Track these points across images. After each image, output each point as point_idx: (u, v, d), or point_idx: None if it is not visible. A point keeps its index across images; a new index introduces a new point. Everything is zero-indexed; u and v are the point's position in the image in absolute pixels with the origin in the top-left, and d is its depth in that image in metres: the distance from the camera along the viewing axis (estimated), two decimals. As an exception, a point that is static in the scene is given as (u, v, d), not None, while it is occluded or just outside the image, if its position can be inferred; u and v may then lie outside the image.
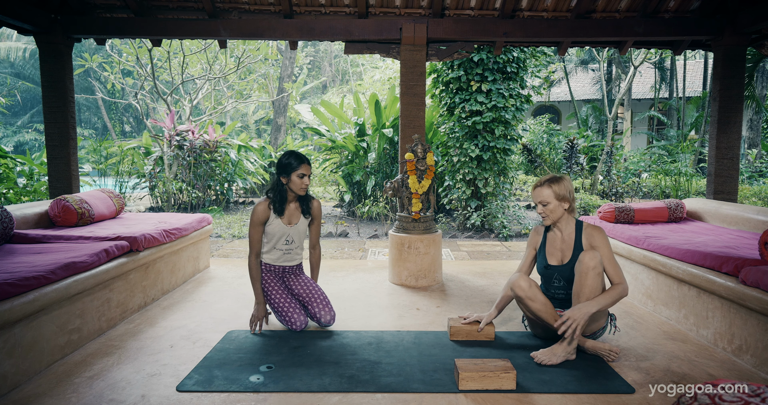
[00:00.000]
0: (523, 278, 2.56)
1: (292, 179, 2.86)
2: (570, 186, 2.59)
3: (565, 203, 2.58)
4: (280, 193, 2.91)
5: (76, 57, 12.40)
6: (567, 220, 2.63)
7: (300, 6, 4.62)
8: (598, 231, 2.58)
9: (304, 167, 2.86)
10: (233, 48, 10.05)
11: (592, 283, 2.39)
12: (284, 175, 2.87)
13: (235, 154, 9.20)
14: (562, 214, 2.60)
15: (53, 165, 4.66)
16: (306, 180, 2.89)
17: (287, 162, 2.86)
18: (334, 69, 25.51)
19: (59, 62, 4.58)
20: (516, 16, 4.67)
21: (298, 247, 3.05)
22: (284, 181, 2.88)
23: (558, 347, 2.44)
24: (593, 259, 2.41)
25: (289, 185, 2.88)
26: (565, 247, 2.63)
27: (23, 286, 2.25)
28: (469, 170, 6.55)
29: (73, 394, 2.15)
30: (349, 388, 2.20)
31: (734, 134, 4.70)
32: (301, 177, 2.86)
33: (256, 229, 2.92)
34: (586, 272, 2.40)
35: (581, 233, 2.60)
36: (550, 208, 2.57)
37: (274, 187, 2.93)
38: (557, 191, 2.55)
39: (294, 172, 2.85)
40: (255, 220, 2.90)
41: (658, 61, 16.28)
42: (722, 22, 4.55)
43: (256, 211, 2.90)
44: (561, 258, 2.64)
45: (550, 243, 2.70)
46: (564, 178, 2.58)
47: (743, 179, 11.53)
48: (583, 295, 2.40)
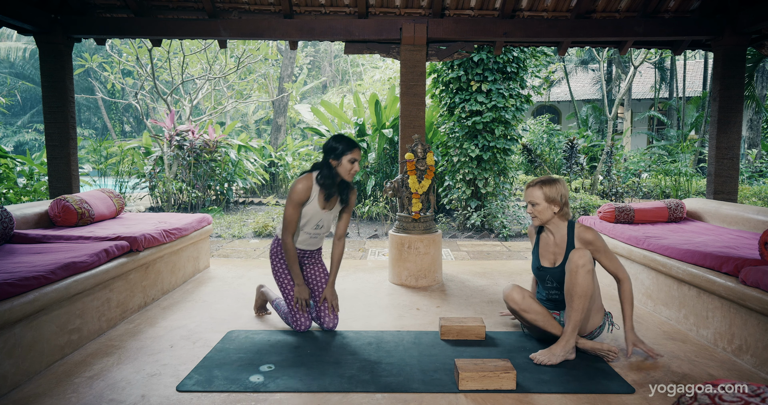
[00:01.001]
0: (515, 290, 2.61)
1: (342, 163, 2.74)
2: (563, 190, 2.57)
3: (554, 206, 2.56)
4: (330, 175, 2.76)
5: (76, 57, 12.40)
6: (557, 224, 2.62)
7: (300, 6, 4.62)
8: (590, 233, 2.55)
9: (357, 152, 2.76)
10: (233, 48, 10.05)
11: (583, 281, 2.39)
12: (334, 158, 2.74)
13: (235, 154, 9.20)
14: (551, 216, 2.59)
15: (53, 165, 4.66)
16: (356, 166, 2.78)
17: (339, 145, 2.73)
18: (334, 69, 25.51)
19: (59, 62, 4.58)
20: (516, 16, 4.67)
21: (326, 233, 2.97)
22: (333, 163, 2.75)
23: (557, 348, 2.45)
24: (582, 257, 2.41)
25: (337, 169, 2.75)
26: (558, 249, 2.62)
27: (23, 286, 2.25)
28: (469, 170, 6.55)
29: (73, 394, 2.15)
30: (349, 388, 2.20)
31: (734, 134, 4.70)
32: (352, 162, 2.75)
33: (295, 209, 2.75)
34: (576, 270, 2.40)
35: (573, 236, 2.59)
36: (539, 209, 2.58)
37: (324, 168, 2.77)
38: (547, 193, 2.55)
39: (345, 156, 2.73)
40: (296, 200, 2.73)
41: (658, 61, 16.28)
42: (722, 22, 4.55)
43: (297, 190, 2.73)
44: (553, 260, 2.64)
45: (542, 245, 2.70)
46: (558, 182, 2.57)
47: (743, 179, 11.52)
48: (576, 295, 2.39)
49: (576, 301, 2.41)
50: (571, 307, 2.42)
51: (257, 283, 3.98)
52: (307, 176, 2.78)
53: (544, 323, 2.56)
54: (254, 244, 5.97)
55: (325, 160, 2.78)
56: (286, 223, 2.77)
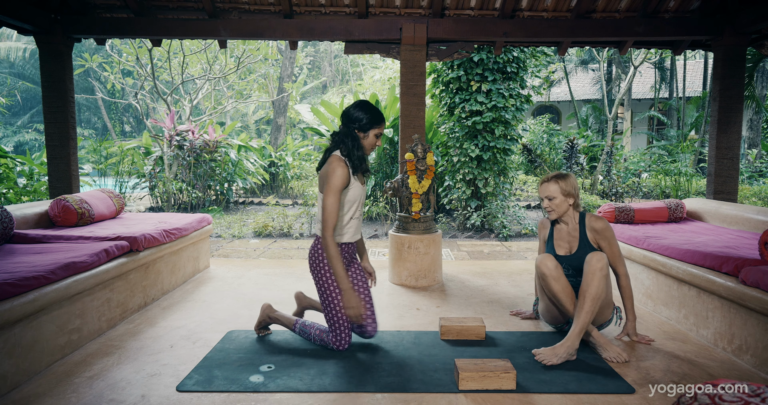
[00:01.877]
0: (549, 258, 2.68)
1: (368, 135, 2.48)
2: (575, 183, 2.75)
3: (570, 199, 2.72)
4: (359, 147, 2.46)
5: (76, 57, 12.40)
6: (572, 215, 2.79)
7: (300, 6, 4.62)
8: (601, 222, 2.72)
9: (383, 125, 2.53)
10: (233, 48, 10.05)
11: (599, 283, 2.51)
12: (360, 129, 2.46)
13: (235, 154, 9.21)
14: (567, 209, 2.75)
15: (53, 165, 4.66)
16: (380, 141, 2.56)
17: (365, 115, 2.45)
18: (334, 69, 25.51)
19: (59, 62, 4.58)
20: (516, 16, 4.67)
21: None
22: (360, 135, 2.47)
23: (560, 348, 2.47)
24: (600, 261, 2.54)
25: (363, 141, 2.48)
26: (572, 238, 2.79)
27: (23, 286, 2.25)
28: (469, 170, 6.55)
29: (73, 394, 2.15)
30: (349, 388, 2.20)
31: (734, 134, 4.70)
32: (378, 137, 2.52)
33: (338, 196, 2.37)
34: (593, 273, 2.52)
35: (584, 225, 2.76)
36: (556, 202, 2.71)
37: (348, 139, 2.45)
38: (563, 187, 2.70)
39: (373, 129, 2.48)
40: (340, 184, 2.37)
41: (658, 61, 16.28)
42: (722, 22, 4.55)
43: (340, 174, 2.36)
44: (569, 248, 2.80)
45: (557, 235, 2.85)
46: (570, 176, 2.74)
47: (743, 179, 11.52)
48: (588, 296, 2.50)
49: (588, 303, 2.49)
50: (582, 308, 2.49)
51: (257, 283, 3.99)
52: (336, 157, 2.44)
53: (565, 298, 2.62)
54: (254, 244, 5.97)
55: (349, 130, 2.47)
56: (329, 217, 2.35)
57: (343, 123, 2.50)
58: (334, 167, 2.38)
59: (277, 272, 4.35)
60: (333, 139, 2.51)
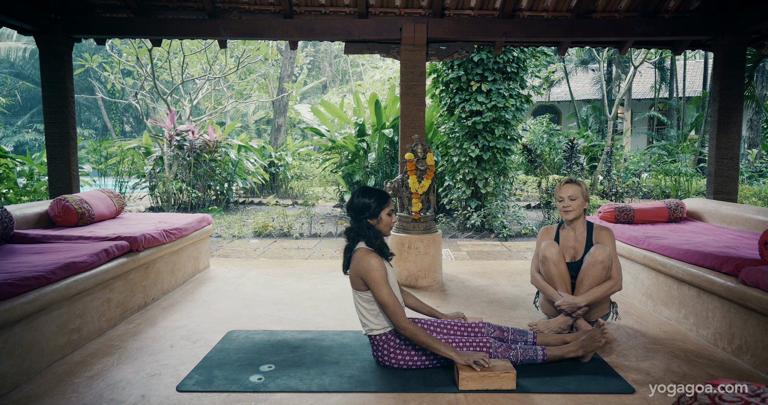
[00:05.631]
0: (554, 245, 2.83)
1: (382, 219, 2.44)
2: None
3: (586, 203, 2.89)
4: (378, 236, 2.44)
5: (76, 57, 12.40)
6: (583, 221, 2.92)
7: (300, 6, 4.62)
8: (607, 231, 2.87)
9: (391, 202, 2.50)
10: (233, 48, 10.05)
11: (597, 274, 2.67)
12: (371, 217, 2.43)
13: (235, 154, 9.20)
14: (581, 212, 2.88)
15: (53, 165, 4.66)
16: (395, 216, 2.54)
17: (371, 201, 2.42)
18: (334, 69, 25.51)
19: (59, 62, 4.58)
20: (516, 16, 4.67)
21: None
22: (373, 222, 2.45)
23: (554, 322, 2.74)
24: (603, 253, 2.68)
25: (378, 226, 2.46)
26: (578, 245, 2.90)
27: (23, 286, 2.26)
28: (469, 170, 6.55)
29: (73, 394, 2.15)
30: (349, 388, 2.20)
31: (734, 134, 4.70)
32: (390, 214, 2.48)
33: (387, 285, 2.32)
34: (594, 264, 2.68)
35: (591, 233, 2.89)
36: (578, 203, 2.84)
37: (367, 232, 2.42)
38: (584, 190, 2.87)
39: (383, 210, 2.44)
40: (383, 274, 2.32)
41: (658, 61, 16.27)
42: (722, 22, 4.55)
43: (375, 264, 2.32)
44: (573, 255, 2.90)
45: (563, 241, 2.94)
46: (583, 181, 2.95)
47: (743, 179, 11.52)
48: (585, 283, 2.69)
49: (585, 286, 2.70)
50: (579, 291, 2.73)
51: (257, 283, 3.99)
52: (364, 250, 2.39)
53: (560, 283, 2.78)
54: (254, 244, 5.97)
55: (362, 221, 2.44)
56: (392, 308, 2.28)
57: (353, 217, 2.47)
58: (367, 260, 2.33)
59: (277, 272, 4.35)
60: (349, 236, 2.48)
